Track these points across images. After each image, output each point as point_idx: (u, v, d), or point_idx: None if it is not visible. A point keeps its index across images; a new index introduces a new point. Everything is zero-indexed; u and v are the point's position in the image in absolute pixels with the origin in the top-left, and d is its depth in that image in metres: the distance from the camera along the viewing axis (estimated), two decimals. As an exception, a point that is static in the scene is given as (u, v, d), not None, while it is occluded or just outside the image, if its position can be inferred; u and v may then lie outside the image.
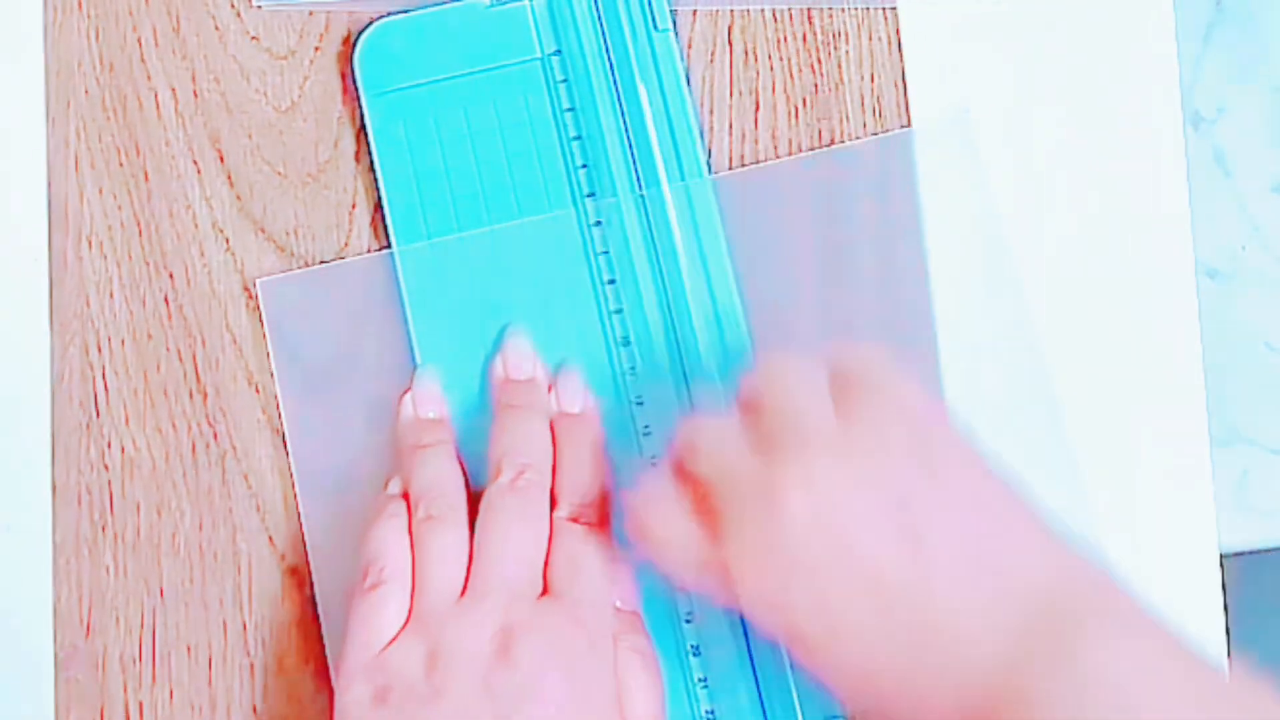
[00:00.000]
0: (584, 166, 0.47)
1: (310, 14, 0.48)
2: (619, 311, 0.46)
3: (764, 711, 0.45)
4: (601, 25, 0.47)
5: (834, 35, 0.48)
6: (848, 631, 0.38)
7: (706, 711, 0.45)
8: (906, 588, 0.37)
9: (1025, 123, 0.48)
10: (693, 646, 0.45)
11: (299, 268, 0.47)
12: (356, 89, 0.47)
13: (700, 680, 0.45)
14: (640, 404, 0.46)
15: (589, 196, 0.47)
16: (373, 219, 0.47)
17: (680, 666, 0.45)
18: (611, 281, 0.46)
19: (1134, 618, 0.37)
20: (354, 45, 0.47)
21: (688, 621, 0.45)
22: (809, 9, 0.48)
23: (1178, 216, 0.48)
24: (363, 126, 0.47)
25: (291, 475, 0.46)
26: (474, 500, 0.43)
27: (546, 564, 0.41)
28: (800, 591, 0.38)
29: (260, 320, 0.47)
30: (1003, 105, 0.48)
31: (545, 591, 0.41)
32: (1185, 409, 0.48)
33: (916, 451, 0.39)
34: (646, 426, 0.46)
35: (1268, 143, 0.49)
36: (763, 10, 0.48)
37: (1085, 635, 0.36)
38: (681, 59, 0.47)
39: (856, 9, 0.48)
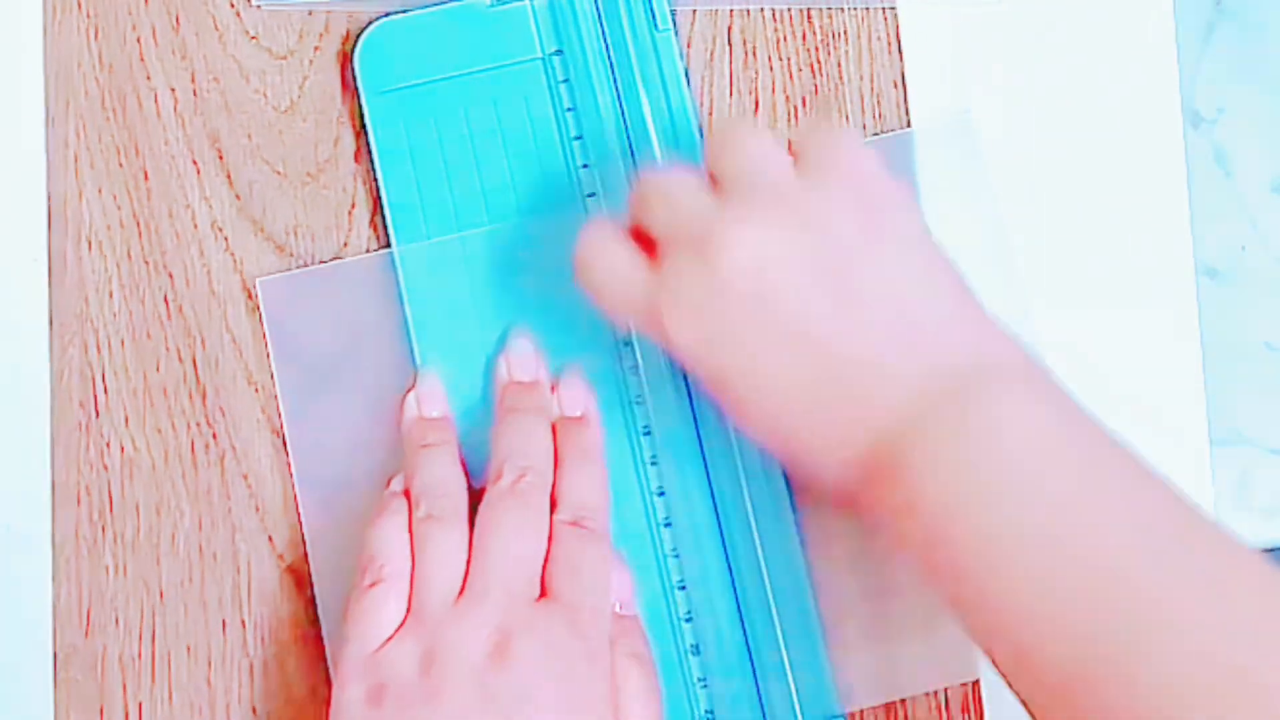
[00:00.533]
0: (585, 166, 0.47)
1: (310, 14, 0.48)
2: (621, 312, 0.46)
3: (764, 712, 0.45)
4: (602, 25, 0.47)
5: (834, 35, 0.48)
6: (767, 378, 0.39)
7: (706, 711, 0.45)
8: (827, 340, 0.38)
9: (1025, 123, 0.48)
10: (692, 646, 0.45)
11: (298, 267, 0.47)
12: (357, 88, 0.47)
13: (700, 680, 0.45)
14: (640, 404, 0.46)
15: (590, 196, 0.46)
16: (372, 219, 0.47)
17: (680, 667, 0.45)
18: (614, 281, 0.46)
19: (1043, 386, 0.38)
20: (354, 44, 0.47)
21: (687, 621, 0.45)
22: (809, 9, 0.48)
23: (1178, 216, 0.48)
24: (362, 126, 0.47)
25: (291, 475, 0.46)
26: (475, 501, 0.43)
27: (545, 567, 0.41)
28: (726, 338, 0.39)
29: (260, 320, 0.47)
30: (1002, 105, 0.48)
31: (543, 594, 0.41)
32: (1185, 409, 0.48)
33: (860, 213, 0.39)
34: (646, 427, 0.46)
35: (1268, 143, 0.49)
36: (763, 10, 0.48)
37: (987, 393, 0.37)
38: (682, 59, 0.47)
39: (856, 9, 0.48)
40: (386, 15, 0.47)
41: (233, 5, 0.47)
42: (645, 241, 0.41)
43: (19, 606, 0.46)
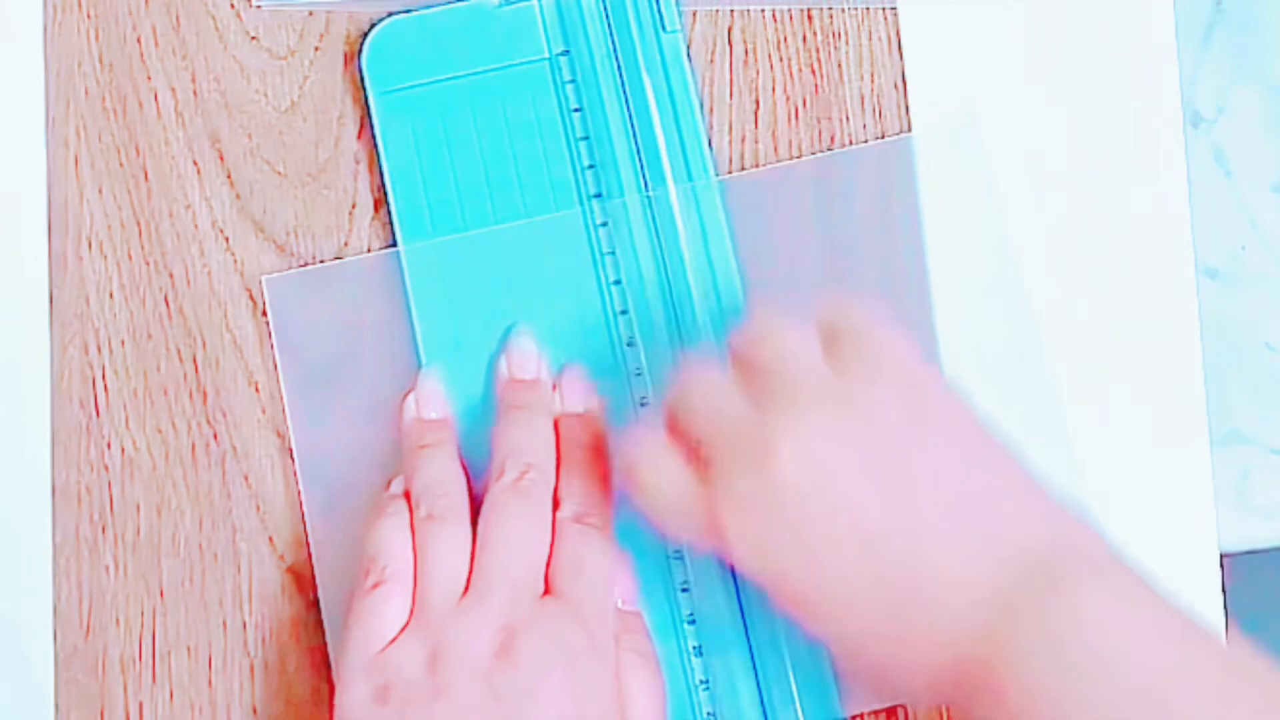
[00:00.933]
0: (591, 167, 0.47)
1: (310, 14, 0.47)
2: (624, 312, 0.46)
3: (766, 714, 0.45)
4: (610, 26, 0.47)
5: (834, 35, 0.48)
6: (833, 584, 0.38)
7: (708, 713, 0.45)
8: (893, 540, 0.37)
9: (1025, 123, 0.48)
10: (695, 647, 0.45)
11: (298, 267, 0.47)
12: (364, 87, 0.47)
13: (702, 682, 0.45)
14: (645, 404, 0.46)
15: (595, 197, 0.46)
16: (373, 219, 0.47)
17: (682, 667, 0.45)
18: (617, 282, 0.46)
19: (1119, 573, 0.37)
20: (360, 44, 0.47)
21: (690, 623, 0.45)
22: (809, 9, 0.48)
23: (1178, 216, 0.48)
24: (363, 126, 0.47)
25: (293, 475, 0.46)
26: (476, 501, 0.43)
27: (549, 564, 0.41)
28: (788, 543, 0.38)
29: (260, 320, 0.47)
30: (1002, 105, 0.48)
31: (547, 591, 0.41)
32: (1185, 409, 0.48)
33: (907, 404, 0.39)
34: (648, 427, 0.46)
35: (1268, 143, 0.49)
36: (763, 10, 0.48)
37: (1068, 587, 0.36)
38: (690, 60, 0.47)
39: (856, 9, 0.48)
40: (391, 15, 0.47)
41: (233, 5, 0.47)
42: (688, 446, 0.40)
43: (19, 607, 0.46)
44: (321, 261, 0.47)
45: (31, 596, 0.46)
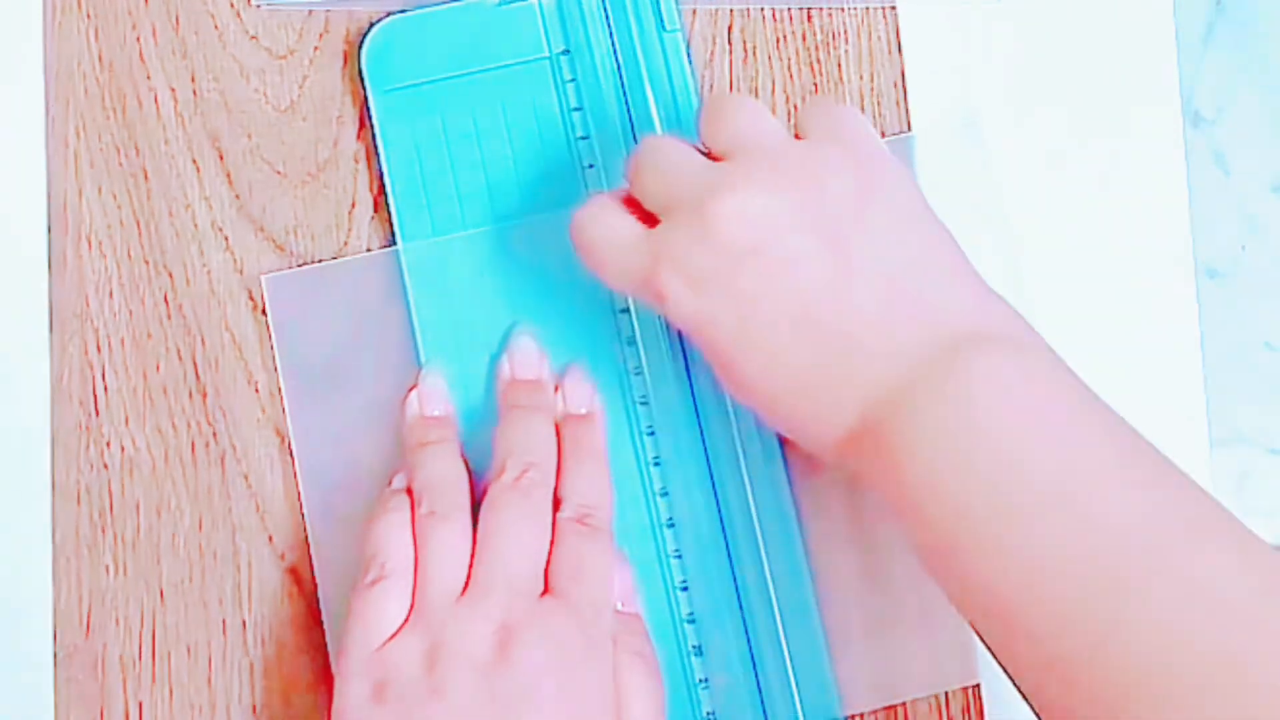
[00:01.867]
0: (591, 166, 0.47)
1: (309, 13, 0.47)
2: (625, 310, 0.46)
3: (765, 713, 0.45)
4: (610, 25, 0.47)
5: (834, 35, 0.48)
6: (762, 341, 0.38)
7: (708, 713, 0.45)
8: (823, 303, 0.38)
9: (1025, 123, 0.48)
10: (694, 647, 0.45)
11: (298, 267, 0.47)
12: (364, 86, 0.47)
13: (701, 681, 0.45)
14: (644, 403, 0.46)
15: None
16: (372, 218, 0.47)
17: (681, 667, 0.45)
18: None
19: (1031, 352, 0.38)
20: (360, 43, 0.47)
21: (690, 622, 0.45)
22: (809, 9, 0.48)
23: (1178, 216, 0.48)
24: (361, 125, 0.47)
25: (293, 474, 0.46)
26: (478, 501, 0.43)
27: (548, 564, 0.41)
28: (722, 291, 0.38)
29: (260, 319, 0.47)
30: (1002, 105, 0.48)
31: (546, 591, 0.41)
32: (1185, 409, 0.48)
33: (859, 178, 0.39)
34: (650, 427, 0.46)
35: (1268, 143, 0.49)
36: (762, 10, 0.48)
37: (971, 357, 0.37)
38: (690, 60, 0.47)
39: (856, 9, 0.48)
40: (391, 14, 0.47)
41: (232, 5, 0.47)
42: (643, 213, 0.41)
43: (19, 606, 0.46)
44: (320, 261, 0.47)
45: (31, 596, 0.46)
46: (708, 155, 0.41)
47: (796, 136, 0.41)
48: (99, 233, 0.47)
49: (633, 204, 0.42)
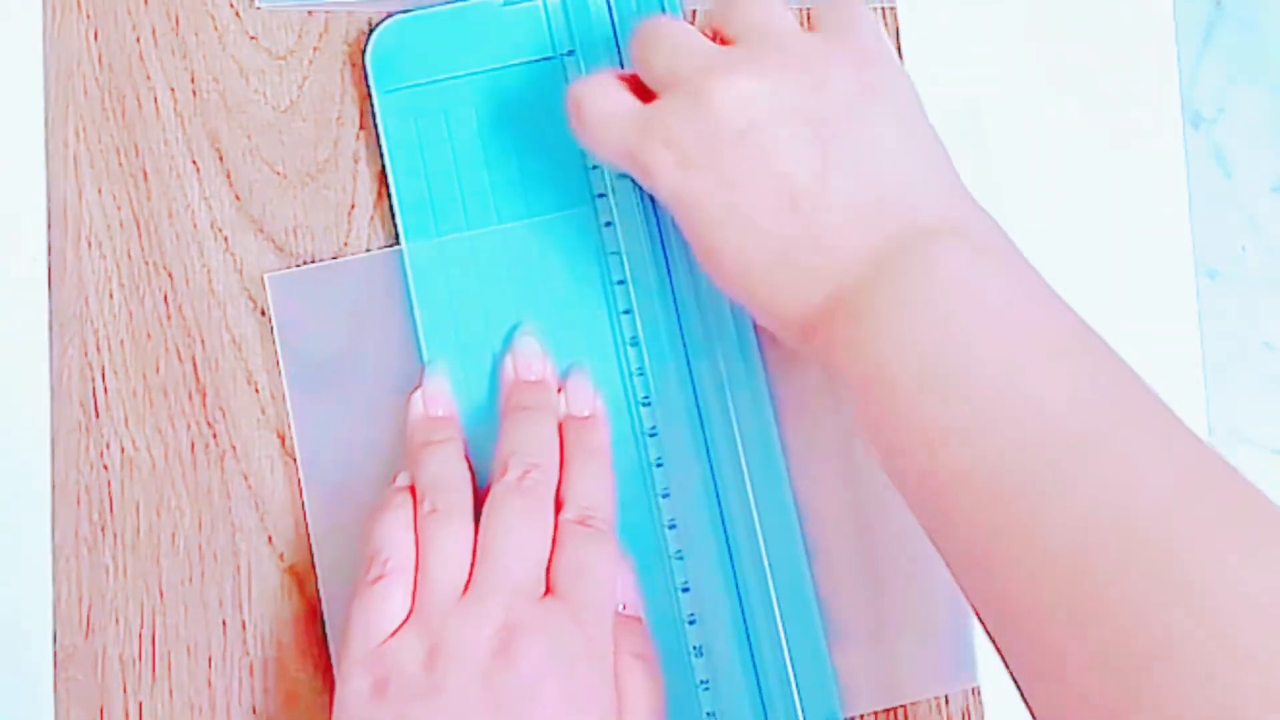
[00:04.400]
0: (595, 167, 0.46)
1: (309, 14, 0.47)
2: (627, 312, 0.46)
3: (766, 715, 0.45)
4: (614, 25, 0.47)
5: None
6: (743, 219, 0.39)
7: (708, 714, 0.45)
8: (809, 189, 0.39)
9: (1025, 123, 0.48)
10: (695, 648, 0.45)
11: (298, 267, 0.47)
12: (367, 86, 0.47)
13: (702, 683, 0.45)
14: (646, 404, 0.46)
15: (600, 197, 0.46)
16: (371, 219, 0.47)
17: (683, 669, 0.45)
18: (620, 282, 0.46)
19: (996, 250, 0.39)
20: (364, 43, 0.47)
21: (691, 623, 0.45)
22: (808, 9, 0.48)
23: (1178, 216, 0.48)
24: (361, 126, 0.47)
25: (293, 474, 0.46)
26: (480, 500, 0.43)
27: (550, 564, 0.41)
28: (709, 174, 0.39)
29: (260, 319, 0.47)
30: (1002, 105, 0.48)
31: (548, 592, 0.41)
32: (1185, 409, 0.47)
33: (861, 73, 0.40)
34: (653, 428, 0.46)
35: (1268, 143, 0.49)
36: (763, 10, 0.48)
37: (934, 249, 0.38)
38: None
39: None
40: (392, 15, 0.47)
41: (232, 5, 0.47)
42: (641, 92, 0.42)
43: (19, 606, 0.46)
44: (320, 261, 0.47)
45: (31, 596, 0.46)
46: (715, 40, 0.42)
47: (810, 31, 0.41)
48: (99, 233, 0.47)
49: (632, 82, 0.42)
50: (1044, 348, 0.37)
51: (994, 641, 0.36)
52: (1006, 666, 0.36)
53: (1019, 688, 0.35)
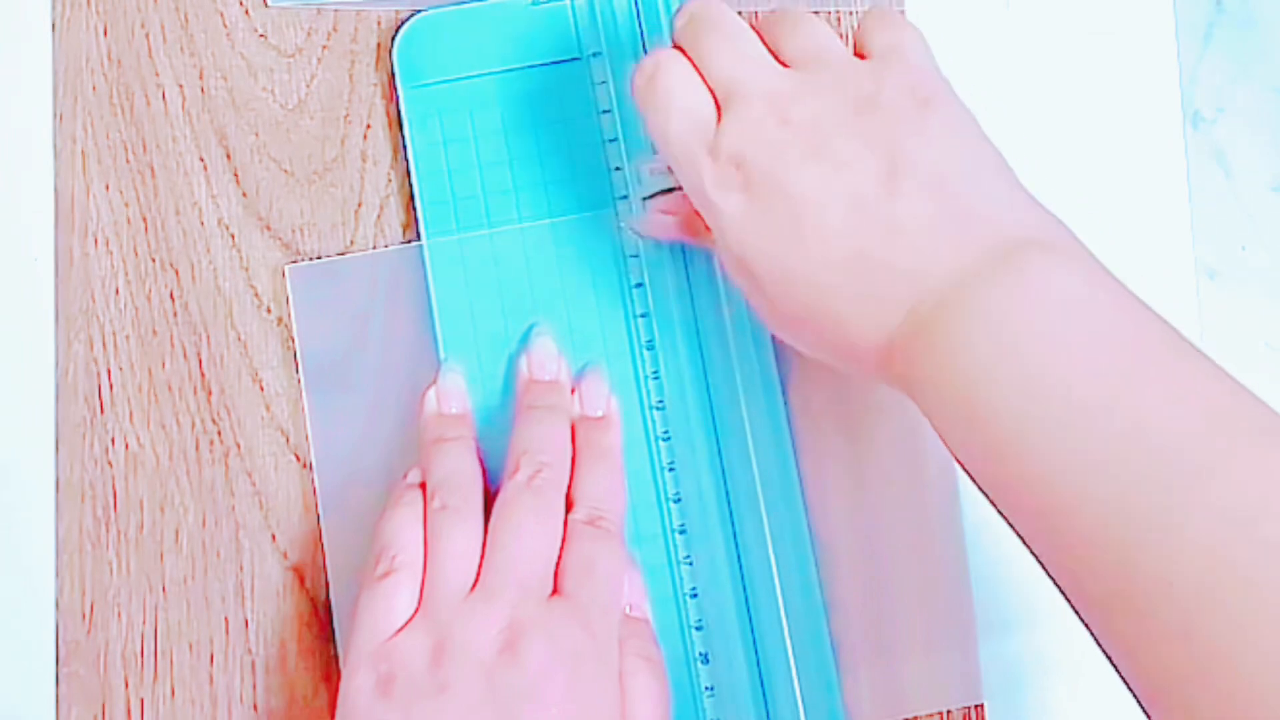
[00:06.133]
0: (618, 169, 0.47)
1: (318, 12, 0.48)
2: (644, 315, 0.46)
3: (768, 716, 0.45)
4: (641, 28, 0.47)
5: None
6: (815, 237, 0.38)
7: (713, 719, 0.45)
8: (879, 204, 0.38)
9: (1025, 122, 0.49)
10: (701, 654, 0.45)
11: (317, 260, 0.47)
12: (393, 82, 0.47)
13: (708, 689, 0.45)
14: (660, 407, 0.46)
15: (621, 199, 0.46)
16: (378, 218, 0.47)
17: (688, 674, 0.45)
18: (639, 285, 0.46)
19: (1083, 260, 0.38)
20: (390, 40, 0.47)
21: (697, 629, 0.45)
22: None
23: (1178, 216, 0.49)
24: (369, 124, 0.47)
25: (299, 472, 0.46)
26: (492, 499, 0.43)
27: (558, 564, 0.41)
28: (782, 190, 0.38)
29: (265, 317, 0.47)
30: (1002, 105, 0.48)
31: (555, 591, 0.41)
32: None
33: (916, 91, 0.39)
34: (666, 432, 0.46)
35: (1268, 143, 0.50)
36: (771, 12, 0.48)
37: (1024, 262, 0.36)
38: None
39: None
40: (416, 12, 0.47)
41: (241, 3, 0.48)
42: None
43: (22, 601, 0.46)
44: (326, 258, 0.47)
45: (34, 591, 0.46)
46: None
47: (857, 54, 0.41)
48: (105, 230, 0.47)
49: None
50: (1151, 362, 0.35)
51: (1119, 672, 0.34)
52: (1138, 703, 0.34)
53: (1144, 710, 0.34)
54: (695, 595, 0.46)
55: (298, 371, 0.47)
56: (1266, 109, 0.50)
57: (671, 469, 0.46)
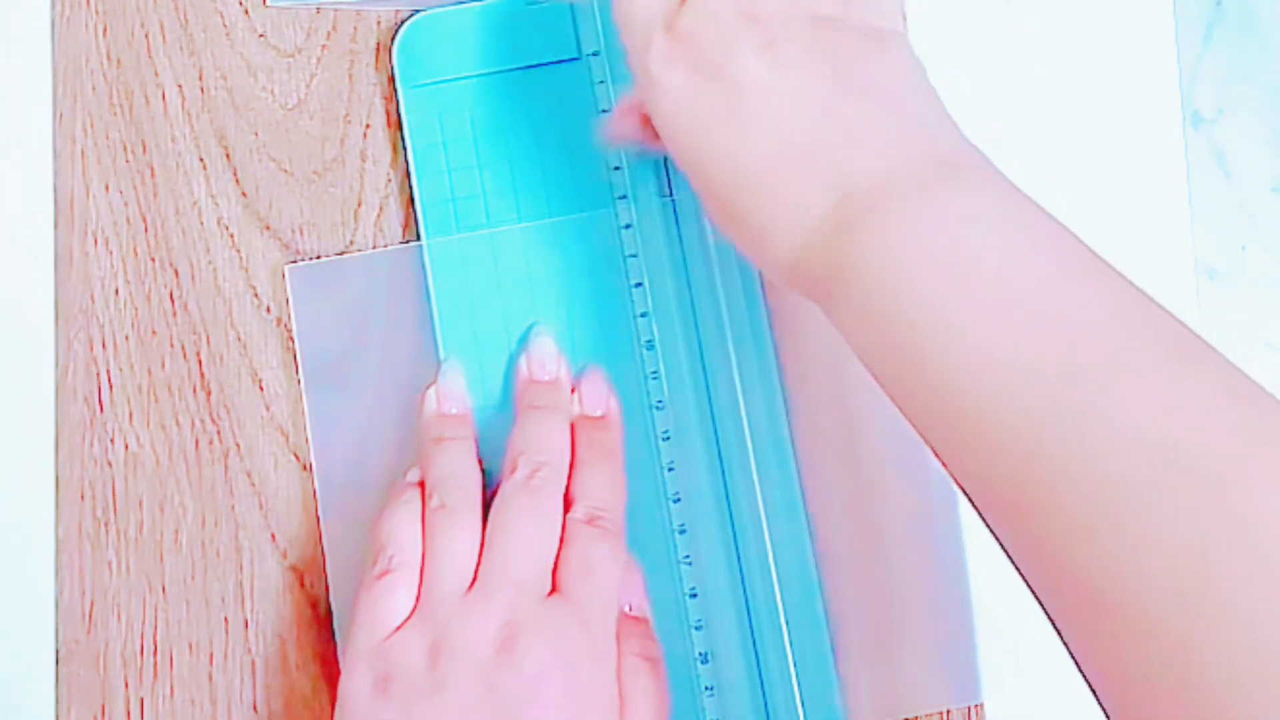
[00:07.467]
0: (617, 169, 0.46)
1: (318, 12, 0.48)
2: (644, 315, 0.46)
3: (768, 716, 0.45)
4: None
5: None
6: (745, 123, 0.38)
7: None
8: (813, 108, 0.37)
9: (1025, 123, 0.49)
10: (701, 654, 0.45)
11: (317, 260, 0.47)
12: (393, 81, 0.47)
13: (707, 689, 0.45)
14: (660, 407, 0.46)
15: (621, 199, 0.47)
16: (378, 218, 0.47)
17: (688, 674, 0.45)
18: (638, 285, 0.46)
19: (996, 186, 0.37)
20: (389, 39, 0.47)
21: (698, 629, 0.45)
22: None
23: (1178, 216, 0.48)
24: (368, 124, 0.47)
25: (298, 472, 0.46)
26: (491, 499, 0.43)
27: (557, 563, 0.41)
28: (722, 79, 0.38)
29: (265, 316, 0.47)
30: (1002, 105, 0.49)
31: (554, 590, 0.41)
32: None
33: (875, 31, 0.39)
34: (665, 432, 0.46)
35: (1268, 143, 0.50)
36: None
37: (959, 174, 0.36)
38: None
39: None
40: (416, 12, 0.47)
41: (241, 3, 0.48)
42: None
43: (22, 601, 0.46)
44: (326, 258, 0.47)
45: (33, 591, 0.46)
46: None
47: None
48: (105, 229, 0.47)
49: None
50: (1073, 271, 0.35)
51: (1027, 582, 0.35)
52: (1047, 616, 0.34)
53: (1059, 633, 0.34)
54: (695, 595, 0.46)
55: (297, 371, 0.47)
56: (1266, 109, 0.50)
57: (671, 469, 0.46)
